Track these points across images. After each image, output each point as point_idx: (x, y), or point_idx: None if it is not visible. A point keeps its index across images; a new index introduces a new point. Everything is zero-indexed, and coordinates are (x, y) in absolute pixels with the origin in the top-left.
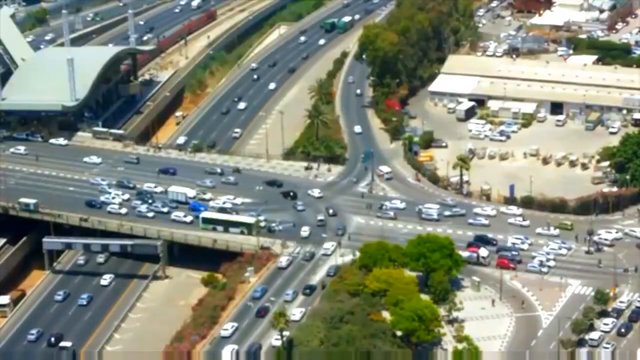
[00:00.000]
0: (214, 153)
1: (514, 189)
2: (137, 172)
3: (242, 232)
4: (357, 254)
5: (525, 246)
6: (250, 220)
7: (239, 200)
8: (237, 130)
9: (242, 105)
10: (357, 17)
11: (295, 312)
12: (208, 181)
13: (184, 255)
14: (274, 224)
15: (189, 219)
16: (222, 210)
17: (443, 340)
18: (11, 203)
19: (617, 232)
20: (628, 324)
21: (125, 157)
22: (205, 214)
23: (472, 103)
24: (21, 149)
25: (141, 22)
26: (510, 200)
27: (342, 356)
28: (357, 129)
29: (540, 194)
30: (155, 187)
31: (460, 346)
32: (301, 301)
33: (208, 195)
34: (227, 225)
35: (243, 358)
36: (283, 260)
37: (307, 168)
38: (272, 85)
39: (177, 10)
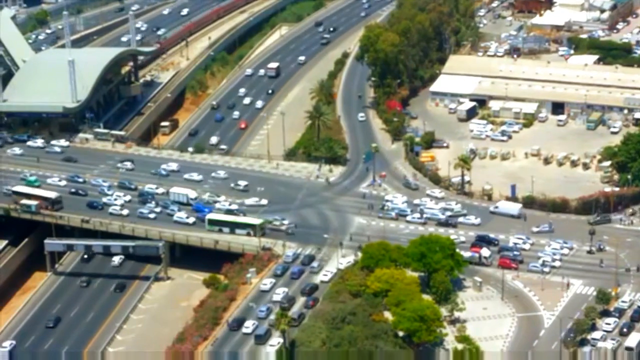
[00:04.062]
0: (215, 154)
1: (516, 189)
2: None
3: (248, 234)
4: (359, 254)
5: (527, 246)
6: (256, 221)
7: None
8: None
9: None
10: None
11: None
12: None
13: (186, 256)
14: (292, 225)
15: (191, 220)
16: (228, 212)
17: (445, 340)
18: (13, 205)
19: None
20: (630, 324)
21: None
22: (211, 216)
23: (473, 103)
24: None
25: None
26: (511, 201)
27: (344, 357)
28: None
29: (542, 194)
30: (157, 188)
31: (461, 347)
32: None
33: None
34: (233, 226)
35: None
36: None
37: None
38: None
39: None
